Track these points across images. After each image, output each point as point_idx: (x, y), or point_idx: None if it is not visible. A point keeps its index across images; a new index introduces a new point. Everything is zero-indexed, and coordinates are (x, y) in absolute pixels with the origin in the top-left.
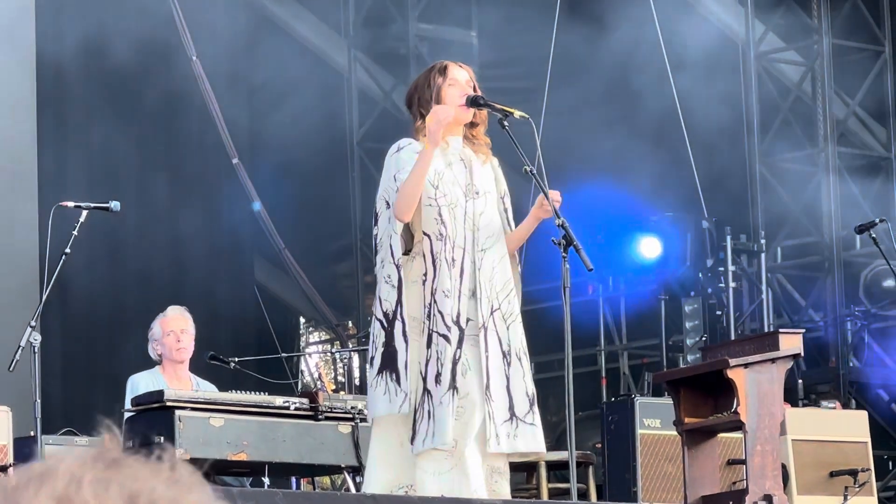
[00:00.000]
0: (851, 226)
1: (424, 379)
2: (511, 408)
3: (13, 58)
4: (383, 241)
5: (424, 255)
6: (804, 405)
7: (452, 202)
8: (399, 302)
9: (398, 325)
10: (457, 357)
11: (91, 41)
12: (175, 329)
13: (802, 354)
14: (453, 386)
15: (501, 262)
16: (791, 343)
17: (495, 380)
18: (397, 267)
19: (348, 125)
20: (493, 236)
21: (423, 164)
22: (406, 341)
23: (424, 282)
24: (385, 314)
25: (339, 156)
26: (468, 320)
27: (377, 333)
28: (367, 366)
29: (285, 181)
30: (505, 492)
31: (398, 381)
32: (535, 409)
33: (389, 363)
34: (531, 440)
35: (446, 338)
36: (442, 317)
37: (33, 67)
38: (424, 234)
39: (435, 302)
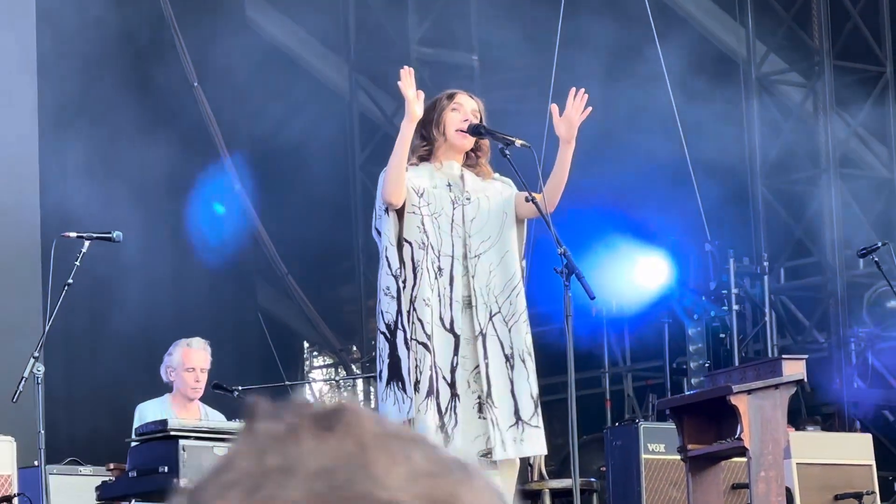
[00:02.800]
0: (854, 246)
1: None
2: (517, 412)
3: (15, 89)
4: (381, 255)
5: (405, 262)
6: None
7: (436, 211)
8: (399, 312)
9: (400, 334)
10: (454, 365)
11: (92, 72)
12: (196, 366)
13: (806, 380)
14: (455, 396)
15: (501, 263)
16: (794, 369)
17: (498, 385)
18: (395, 277)
19: (350, 149)
20: (489, 240)
21: (401, 137)
22: (408, 349)
23: (404, 289)
24: (387, 326)
25: (342, 179)
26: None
27: (382, 347)
28: (378, 381)
29: (288, 205)
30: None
31: (404, 388)
32: (539, 410)
33: (396, 373)
34: (536, 443)
35: (426, 346)
36: (422, 325)
37: (35, 99)
38: (406, 241)
39: (415, 310)
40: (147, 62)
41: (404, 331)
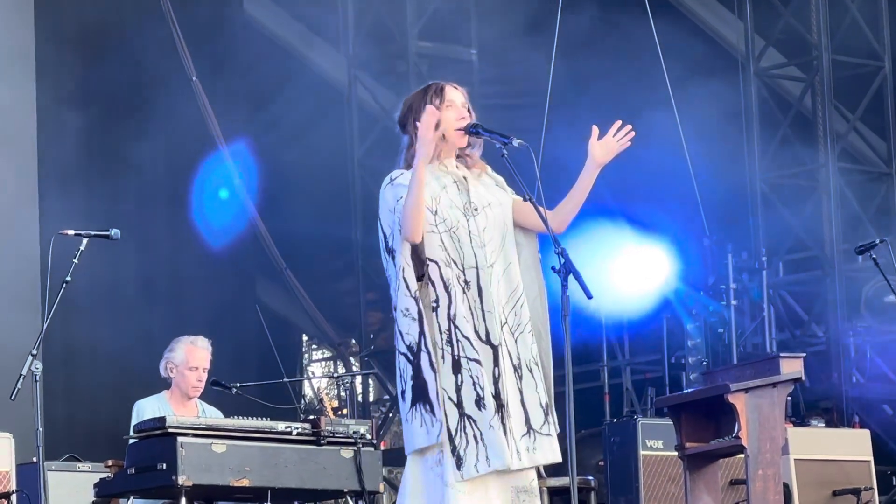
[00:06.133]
0: (852, 240)
1: (459, 405)
2: (527, 421)
3: (14, 87)
4: (396, 275)
5: (434, 282)
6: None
7: (453, 226)
8: (422, 333)
9: (424, 356)
10: (496, 375)
11: (91, 67)
12: (199, 366)
13: (804, 378)
14: (501, 407)
15: (505, 275)
16: (792, 367)
17: (511, 396)
18: (415, 299)
19: (349, 143)
20: (497, 250)
21: (417, 179)
22: (434, 371)
23: (436, 308)
24: (409, 347)
25: (340, 173)
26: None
27: (404, 367)
28: (400, 400)
29: (286, 199)
30: None
31: (432, 411)
32: (551, 418)
33: (421, 395)
34: (549, 451)
35: (478, 361)
36: (470, 341)
37: (34, 96)
38: (430, 260)
39: (457, 328)
40: (146, 63)
41: (428, 353)
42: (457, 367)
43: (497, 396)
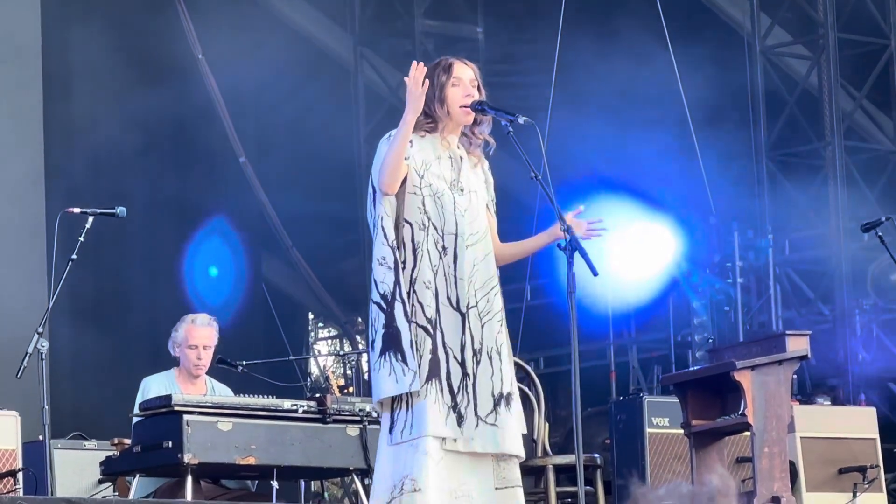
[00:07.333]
0: (858, 218)
1: None
2: (474, 407)
3: (20, 65)
4: (376, 225)
5: (405, 243)
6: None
7: (438, 192)
8: (397, 283)
9: (398, 305)
10: (463, 343)
11: (96, 43)
12: (199, 344)
13: (809, 356)
14: (465, 376)
15: (484, 261)
16: (798, 345)
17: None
18: (392, 248)
19: (355, 121)
20: (477, 234)
21: (402, 133)
22: (408, 321)
23: (403, 269)
24: (383, 296)
25: (347, 151)
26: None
27: (376, 316)
28: (369, 350)
29: (292, 178)
30: (514, 476)
31: (404, 360)
32: (502, 409)
33: (393, 344)
34: (489, 441)
35: (426, 330)
36: (423, 308)
37: (39, 73)
38: (406, 221)
39: (415, 292)
40: (151, 41)
41: (403, 303)
42: (407, 321)
43: (463, 364)
